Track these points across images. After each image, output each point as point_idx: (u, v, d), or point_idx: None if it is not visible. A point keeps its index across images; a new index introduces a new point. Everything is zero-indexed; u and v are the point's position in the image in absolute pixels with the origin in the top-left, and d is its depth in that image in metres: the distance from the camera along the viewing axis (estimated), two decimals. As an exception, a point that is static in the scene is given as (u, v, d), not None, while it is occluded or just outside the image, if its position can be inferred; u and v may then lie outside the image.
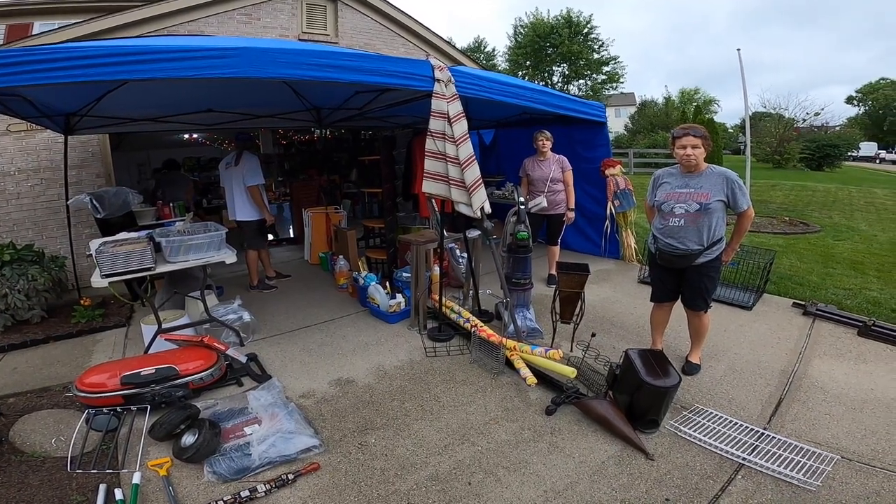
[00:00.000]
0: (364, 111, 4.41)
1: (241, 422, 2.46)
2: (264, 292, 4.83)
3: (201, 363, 2.76)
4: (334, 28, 7.14)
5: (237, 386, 2.94)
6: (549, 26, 29.84)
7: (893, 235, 7.56)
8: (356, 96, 3.98)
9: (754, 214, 2.86)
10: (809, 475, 2.09)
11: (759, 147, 22.53)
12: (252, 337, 3.63)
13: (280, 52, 2.53)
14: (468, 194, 2.99)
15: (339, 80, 2.74)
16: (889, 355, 3.29)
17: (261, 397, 2.66)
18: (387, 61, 3.01)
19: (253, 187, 4.51)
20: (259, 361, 3.22)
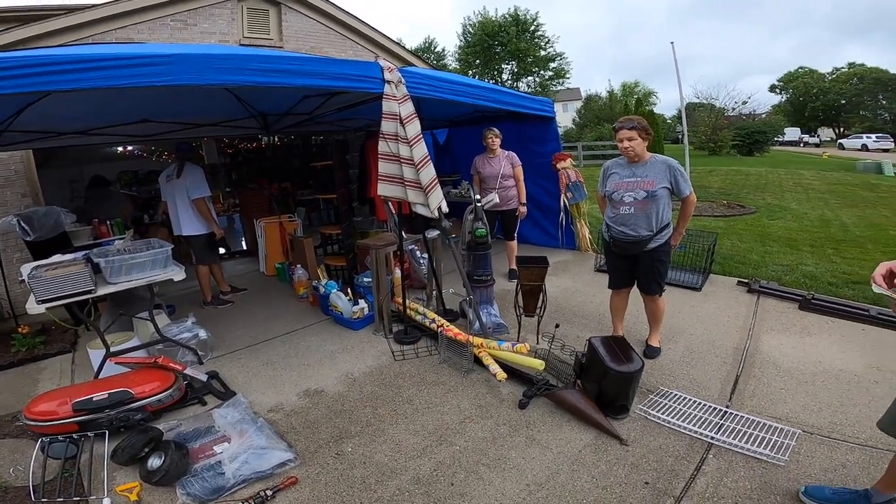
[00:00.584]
0: (313, 116, 4.29)
1: (210, 441, 2.37)
2: (220, 308, 4.63)
3: (158, 385, 2.65)
4: (278, 32, 6.93)
5: (200, 405, 2.83)
6: (497, 25, 30.29)
7: (821, 213, 8.22)
8: (304, 101, 3.87)
9: (696, 199, 3.01)
10: (776, 450, 2.18)
11: (695, 136, 23.91)
12: (211, 354, 3.49)
13: (218, 58, 2.42)
14: (424, 195, 2.97)
15: (284, 84, 2.66)
16: (830, 327, 3.53)
17: (227, 415, 2.57)
18: (334, 64, 2.94)
19: (198, 200, 4.28)
20: (221, 379, 3.11)
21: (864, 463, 2.11)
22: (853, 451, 2.19)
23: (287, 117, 4.52)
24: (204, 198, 4.30)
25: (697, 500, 1.94)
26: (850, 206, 8.83)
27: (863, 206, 8.82)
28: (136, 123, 4.11)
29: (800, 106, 43.31)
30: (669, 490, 2.00)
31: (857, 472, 2.06)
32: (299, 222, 5.63)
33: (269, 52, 3.01)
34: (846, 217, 7.79)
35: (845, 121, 41.29)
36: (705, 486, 2.01)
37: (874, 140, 30.41)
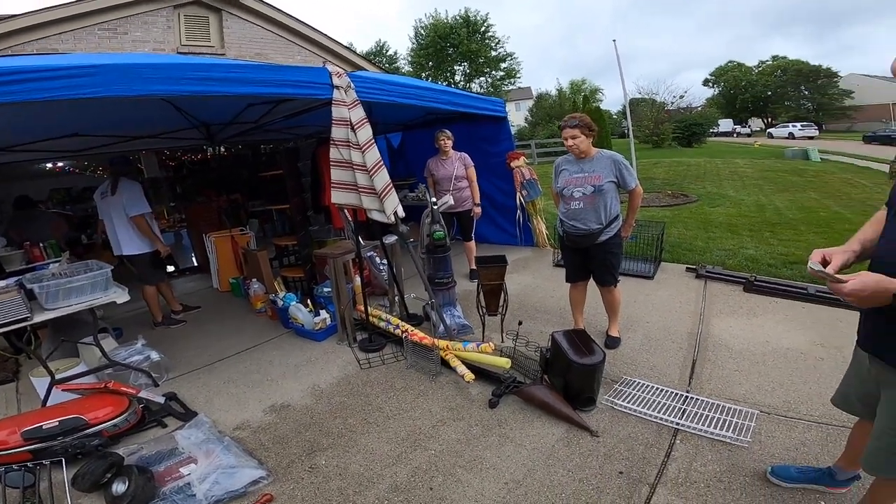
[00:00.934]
0: (260, 124, 4.15)
1: (175, 463, 2.30)
2: (172, 328, 4.39)
3: (111, 410, 2.59)
4: (220, 39, 6.69)
5: (161, 427, 2.74)
6: (448, 26, 30.50)
7: (757, 198, 8.79)
8: (249, 109, 3.74)
9: (643, 191, 3.14)
10: (739, 432, 2.26)
11: (640, 130, 25.04)
12: (166, 376, 3.35)
13: (149, 68, 2.28)
14: (380, 200, 2.94)
15: (224, 93, 2.55)
16: (774, 307, 3.75)
17: (190, 436, 2.49)
18: (279, 70, 2.86)
19: (138, 217, 4.02)
20: (180, 400, 2.99)
21: (822, 440, 2.20)
22: (810, 429, 2.29)
23: (232, 126, 4.35)
24: (143, 215, 4.05)
25: (671, 486, 2.00)
26: (782, 191, 9.51)
27: (793, 191, 9.52)
28: (66, 138, 3.84)
29: (731, 98, 46.21)
30: (644, 478, 2.06)
31: (817, 450, 2.14)
32: (252, 235, 5.43)
33: (206, 61, 2.87)
34: (779, 201, 8.38)
35: (772, 111, 44.41)
36: (677, 472, 2.07)
37: (799, 128, 32.92)
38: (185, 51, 6.22)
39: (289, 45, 7.41)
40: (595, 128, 2.96)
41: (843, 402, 1.73)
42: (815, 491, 1.89)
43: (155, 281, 4.36)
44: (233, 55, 6.61)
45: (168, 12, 6.08)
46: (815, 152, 16.82)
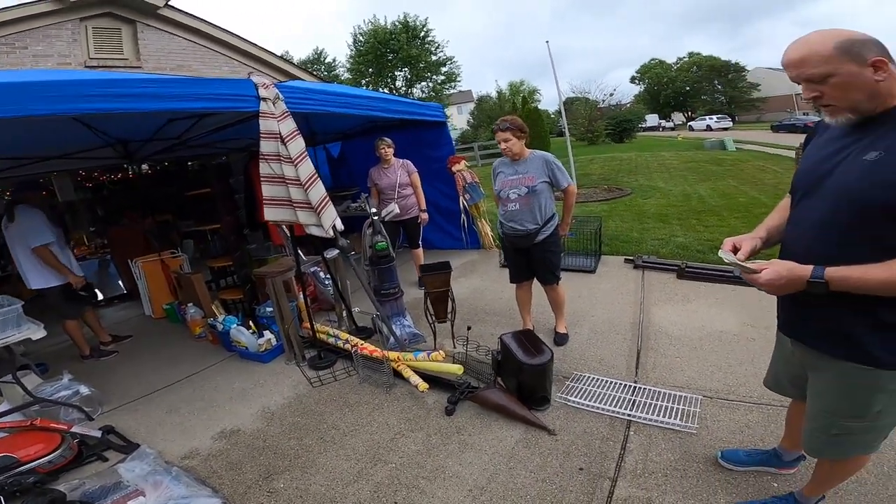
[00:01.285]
0: (184, 140, 3.91)
1: (121, 497, 2.17)
2: (103, 360, 4.07)
3: (42, 447, 2.51)
4: (134, 52, 6.25)
5: (101, 462, 2.64)
6: (387, 32, 30.28)
7: (683, 188, 9.38)
8: (170, 125, 3.51)
9: (577, 189, 3.24)
10: (686, 419, 2.33)
11: (575, 128, 26.11)
12: (101, 409, 3.16)
13: (41, 86, 2.07)
14: (316, 215, 2.84)
15: (136, 109, 2.36)
16: (705, 291, 3.98)
17: (134, 468, 2.32)
18: (198, 84, 2.70)
19: (39, 248, 3.63)
20: (118, 432, 2.84)
21: (764, 421, 2.30)
22: (751, 411, 2.39)
23: (152, 143, 4.08)
24: (45, 245, 3.65)
25: (631, 478, 2.04)
26: (705, 180, 10.22)
27: (714, 179, 10.26)
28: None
29: (655, 94, 49.39)
30: (603, 472, 2.09)
31: (760, 431, 2.23)
32: (185, 257, 5.11)
33: (109, 76, 2.66)
34: (703, 190, 9.00)
35: (691, 105, 47.92)
36: (634, 464, 2.12)
37: (715, 121, 35.72)
38: (94, 64, 5.75)
39: (214, 55, 7.06)
40: (526, 129, 3.02)
41: (774, 385, 1.77)
42: (766, 473, 1.96)
43: (74, 314, 4.00)
44: (150, 68, 6.19)
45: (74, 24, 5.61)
46: (731, 142, 18.28)
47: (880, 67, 1.12)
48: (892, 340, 1.22)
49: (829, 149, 1.30)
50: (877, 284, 1.13)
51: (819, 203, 1.28)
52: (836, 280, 1.17)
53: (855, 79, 1.14)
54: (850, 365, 1.29)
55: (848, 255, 1.19)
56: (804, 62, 1.19)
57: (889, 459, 1.94)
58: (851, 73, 1.14)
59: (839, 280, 1.17)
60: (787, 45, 1.23)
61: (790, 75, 1.23)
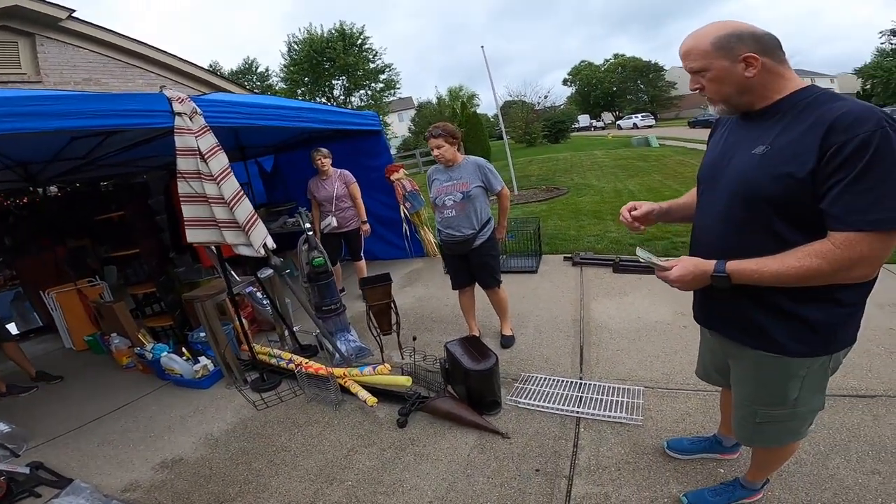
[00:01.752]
0: (91, 159, 3.60)
1: None
2: (21, 396, 3.72)
3: None
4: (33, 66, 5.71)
5: (34, 497, 2.49)
6: (323, 41, 29.53)
7: (615, 185, 9.88)
8: (74, 143, 3.22)
9: (514, 190, 3.31)
10: (631, 412, 2.40)
11: (513, 130, 26.84)
12: (26, 445, 2.92)
13: None
14: (244, 234, 2.70)
15: (28, 129, 2.14)
16: (639, 283, 4.16)
17: (70, 503, 2.22)
18: (101, 100, 2.49)
19: None
20: (48, 468, 2.65)
21: (702, 408, 2.39)
22: (690, 398, 2.48)
23: (55, 164, 3.72)
24: None
25: (586, 475, 2.07)
26: (633, 176, 10.83)
27: (642, 175, 10.89)
28: None
29: (586, 95, 51.92)
30: (559, 471, 2.12)
31: (701, 418, 2.31)
32: (104, 285, 4.70)
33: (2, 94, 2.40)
34: (632, 185, 9.52)
35: (619, 104, 50.77)
36: (588, 460, 2.16)
37: (640, 119, 38.06)
38: (-15, 79, 5.19)
39: (126, 68, 6.58)
40: (458, 135, 3.04)
41: (704, 375, 1.81)
42: (711, 460, 2.03)
43: None
44: (53, 83, 5.68)
45: (-41, 37, 5.03)
46: (655, 139, 19.53)
47: (751, 63, 1.16)
48: (795, 329, 1.25)
49: (727, 141, 1.36)
50: (770, 276, 1.17)
51: (717, 196, 1.33)
52: (735, 273, 1.22)
53: (726, 74, 1.19)
54: (761, 353, 1.33)
55: (747, 246, 1.23)
56: (687, 55, 1.24)
57: (823, 439, 2.08)
58: (723, 69, 1.19)
59: (738, 273, 1.22)
60: None
61: (683, 67, 1.29)
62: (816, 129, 1.08)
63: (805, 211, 1.13)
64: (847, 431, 2.12)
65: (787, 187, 1.13)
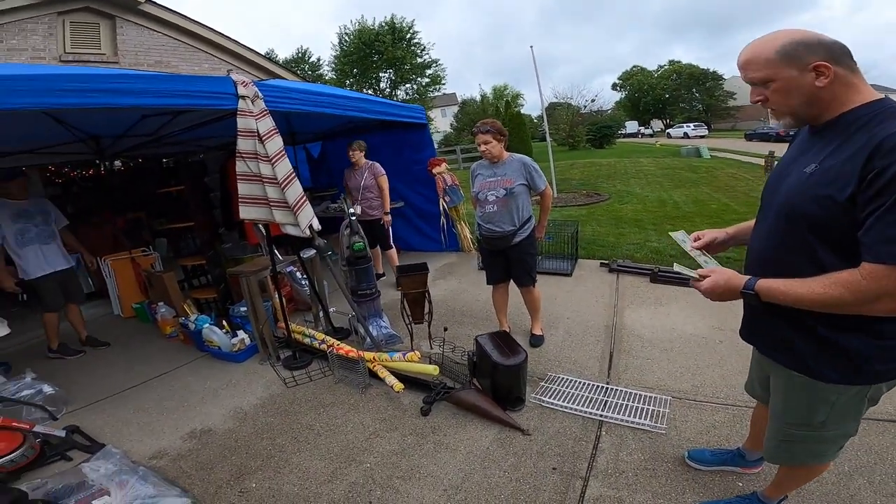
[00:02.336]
0: (158, 136, 3.84)
1: (85, 496, 2.14)
2: (69, 359, 3.96)
3: (3, 446, 2.45)
4: (112, 47, 6.12)
5: (65, 461, 2.59)
6: (373, 33, 30.10)
7: (659, 194, 9.61)
8: (144, 121, 3.44)
9: (553, 193, 3.31)
10: (656, 420, 2.38)
11: (557, 133, 26.43)
12: (65, 409, 3.08)
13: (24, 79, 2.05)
14: (293, 214, 2.83)
15: (110, 104, 2.33)
16: (677, 294, 4.06)
17: (99, 467, 2.29)
18: (175, 81, 2.68)
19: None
20: (83, 432, 2.78)
21: (729, 422, 2.36)
22: (718, 412, 2.45)
23: (125, 139, 3.98)
24: None
25: (602, 478, 2.07)
26: (679, 187, 10.48)
27: (689, 186, 10.53)
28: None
29: (636, 101, 50.37)
30: (576, 472, 2.12)
31: (726, 432, 2.29)
32: (157, 256, 5.00)
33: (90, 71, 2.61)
34: (677, 196, 9.23)
35: (670, 112, 49.01)
36: (606, 463, 2.15)
37: (692, 128, 36.58)
38: (69, 59, 5.61)
39: (194, 52, 6.95)
40: (506, 132, 3.06)
41: (749, 389, 1.78)
42: (731, 473, 2.00)
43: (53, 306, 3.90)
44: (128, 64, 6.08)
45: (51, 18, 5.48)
46: (706, 150, 18.77)
47: (822, 72, 1.08)
48: (829, 356, 1.21)
49: (790, 157, 1.31)
50: (794, 299, 1.14)
51: (768, 213, 1.30)
52: (763, 292, 1.19)
53: (794, 84, 1.11)
54: (794, 373, 1.31)
55: (785, 266, 1.20)
56: (748, 65, 1.17)
57: (848, 459, 2.01)
58: (791, 78, 1.11)
59: (766, 292, 1.19)
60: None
61: (741, 77, 1.22)
62: (863, 151, 1.01)
63: (846, 237, 1.07)
64: (874, 454, 2.05)
65: (827, 210, 1.08)
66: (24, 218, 3.67)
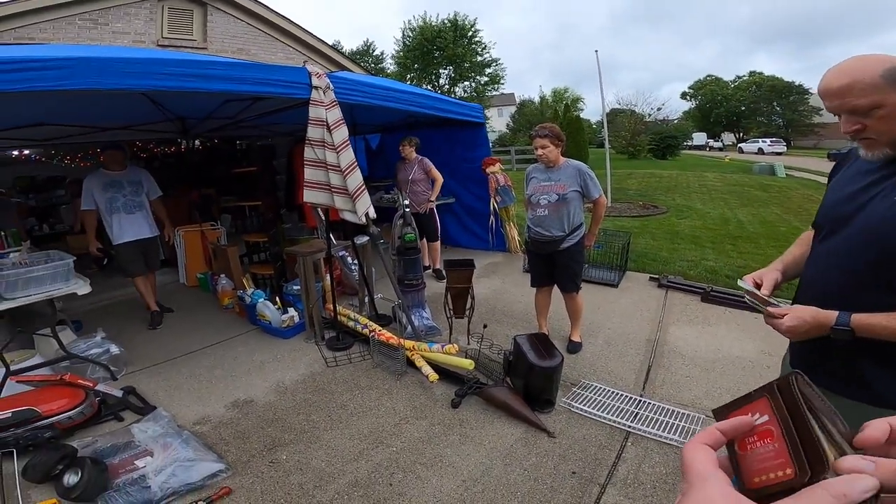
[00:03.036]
0: (237, 120, 4.14)
1: (130, 456, 2.30)
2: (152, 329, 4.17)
3: (66, 402, 2.55)
4: (202, 33, 6.62)
5: (117, 421, 2.72)
6: (436, 30, 30.53)
7: (722, 212, 9.12)
8: (226, 105, 3.73)
9: (607, 202, 3.27)
10: (685, 436, 2.34)
11: (617, 140, 25.57)
12: (125, 370, 3.31)
13: (125, 62, 2.30)
14: (352, 201, 2.99)
15: (205, 89, 2.57)
16: (727, 316, 3.91)
17: (147, 429, 2.50)
18: (258, 69, 2.90)
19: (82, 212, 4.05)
20: (139, 394, 2.97)
21: None
22: None
23: (208, 121, 4.33)
24: (85, 210, 4.01)
25: (620, 486, 2.07)
26: (746, 205, 9.89)
27: (757, 205, 9.91)
28: (30, 127, 3.76)
29: (707, 112, 47.57)
30: (595, 478, 2.13)
31: None
32: (223, 230, 5.39)
33: (186, 56, 2.90)
34: (742, 215, 8.72)
35: (745, 126, 45.93)
36: (626, 473, 2.15)
37: (769, 144, 34.08)
38: (165, 44, 6.14)
39: (272, 41, 7.40)
40: (564, 138, 3.07)
41: None
42: None
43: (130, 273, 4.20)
44: (214, 50, 6.57)
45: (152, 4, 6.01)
46: (782, 168, 17.51)
47: None
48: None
49: (858, 184, 1.22)
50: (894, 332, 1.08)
51: (843, 242, 1.22)
52: (861, 327, 1.13)
53: None
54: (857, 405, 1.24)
55: (865, 299, 1.14)
56: (847, 91, 1.07)
57: None
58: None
59: (864, 327, 1.12)
60: (825, 72, 1.12)
61: (828, 105, 1.12)
62: None
63: None
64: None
65: None
66: (115, 188, 4.01)
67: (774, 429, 0.40)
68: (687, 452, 0.39)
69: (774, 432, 0.40)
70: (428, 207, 4.95)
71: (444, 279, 4.68)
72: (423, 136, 5.12)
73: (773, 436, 0.40)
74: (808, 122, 40.54)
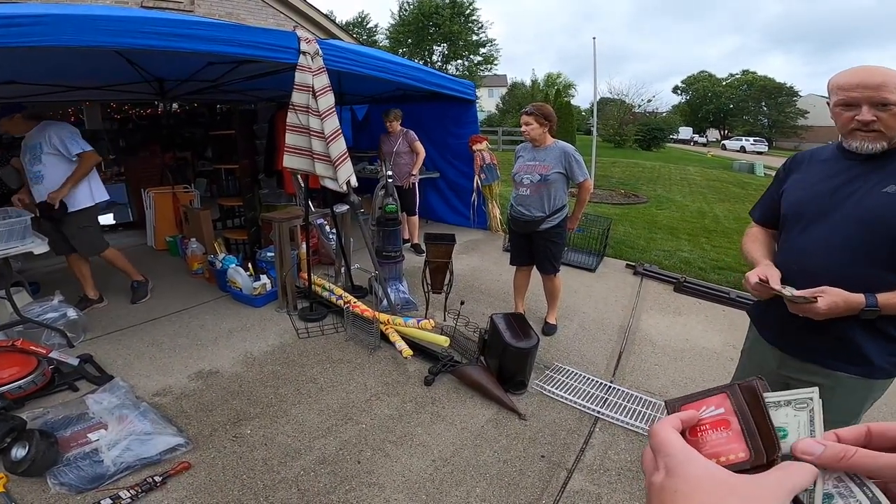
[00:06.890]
0: (218, 83, 3.97)
1: (83, 429, 2.19)
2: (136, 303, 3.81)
3: (16, 370, 2.39)
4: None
5: (71, 391, 2.58)
6: (434, 5, 29.82)
7: (700, 205, 9.28)
8: (208, 67, 3.55)
9: (593, 187, 3.27)
10: (649, 424, 2.38)
11: (605, 128, 25.62)
12: (83, 336, 3.12)
13: (104, 19, 2.17)
14: (333, 168, 2.92)
15: (188, 49, 2.45)
16: (698, 307, 4.02)
17: (102, 400, 2.36)
18: (246, 31, 2.77)
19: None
20: (95, 362, 2.82)
21: None
22: None
23: (187, 84, 4.13)
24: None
25: (587, 472, 2.11)
26: (724, 201, 10.09)
27: (734, 201, 10.11)
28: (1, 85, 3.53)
29: (696, 107, 47.92)
30: (563, 462, 2.16)
31: None
32: (196, 193, 5.22)
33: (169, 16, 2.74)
34: (719, 210, 8.90)
35: (730, 123, 46.47)
36: (593, 459, 2.19)
37: (751, 143, 34.66)
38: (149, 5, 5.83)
39: (263, 7, 7.15)
40: (552, 118, 3.03)
41: None
42: None
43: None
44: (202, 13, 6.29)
45: (135, -35, 5.67)
46: (761, 167, 17.86)
47: None
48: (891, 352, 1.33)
49: (837, 179, 1.35)
50: None
51: (831, 229, 1.33)
52: (887, 306, 1.25)
53: None
54: (845, 377, 1.37)
55: (867, 278, 1.27)
56: (883, 86, 1.21)
57: None
58: None
59: (891, 307, 1.25)
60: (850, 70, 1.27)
61: (857, 94, 1.24)
62: None
63: None
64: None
65: None
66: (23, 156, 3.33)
67: (731, 419, 0.43)
68: (662, 431, 0.41)
69: (731, 422, 0.43)
70: (410, 182, 4.90)
71: (422, 253, 4.67)
72: (413, 110, 5.04)
73: (729, 425, 0.43)
74: (792, 125, 41.25)
